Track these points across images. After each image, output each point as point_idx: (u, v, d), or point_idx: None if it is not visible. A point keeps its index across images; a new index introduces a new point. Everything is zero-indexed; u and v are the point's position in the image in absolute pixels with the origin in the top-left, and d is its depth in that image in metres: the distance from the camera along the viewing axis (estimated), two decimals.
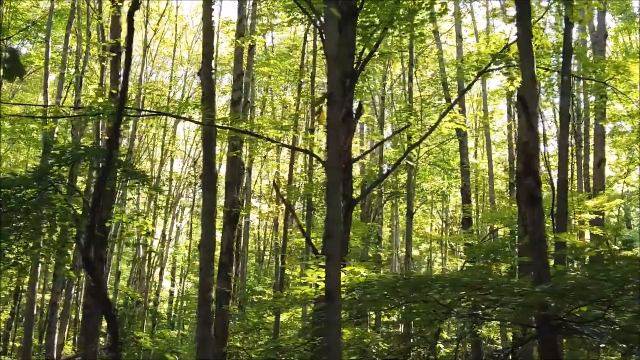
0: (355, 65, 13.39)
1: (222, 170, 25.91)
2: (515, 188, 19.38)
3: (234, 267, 23.29)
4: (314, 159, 23.78)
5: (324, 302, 12.05)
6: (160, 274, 38.13)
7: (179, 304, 42.98)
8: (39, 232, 11.57)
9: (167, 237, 39.00)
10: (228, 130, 16.34)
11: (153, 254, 34.57)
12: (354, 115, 13.82)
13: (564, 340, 9.63)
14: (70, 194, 11.89)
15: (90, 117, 14.95)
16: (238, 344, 21.03)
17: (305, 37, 23.90)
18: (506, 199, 31.67)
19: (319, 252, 13.59)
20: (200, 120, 15.02)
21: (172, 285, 45.01)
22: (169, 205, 39.56)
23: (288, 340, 12.15)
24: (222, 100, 34.10)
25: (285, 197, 20.82)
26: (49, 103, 21.91)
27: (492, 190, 28.44)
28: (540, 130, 23.84)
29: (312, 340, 9.48)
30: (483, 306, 7.91)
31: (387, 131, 30.25)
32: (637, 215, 39.58)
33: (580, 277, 6.70)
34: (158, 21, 27.67)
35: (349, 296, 8.31)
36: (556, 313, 7.25)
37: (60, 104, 22.18)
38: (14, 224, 11.42)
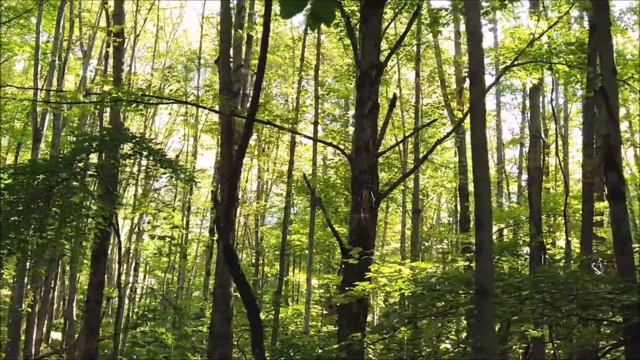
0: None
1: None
2: (527, 185, 19.09)
3: None
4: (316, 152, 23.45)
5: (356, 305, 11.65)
6: (135, 270, 37.31)
7: (144, 300, 42.16)
8: (63, 221, 10.89)
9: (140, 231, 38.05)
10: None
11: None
12: (379, 108, 13.45)
13: None
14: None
15: (94, 105, 14.30)
16: (234, 342, 20.55)
17: (305, 31, 23.42)
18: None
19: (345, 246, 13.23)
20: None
21: (137, 281, 44.11)
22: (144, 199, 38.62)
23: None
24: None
25: (290, 193, 20.31)
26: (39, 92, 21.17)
27: None
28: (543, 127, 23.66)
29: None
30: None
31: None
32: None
33: None
34: (149, 10, 26.96)
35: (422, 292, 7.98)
36: None
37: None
38: (34, 214, 10.78)
